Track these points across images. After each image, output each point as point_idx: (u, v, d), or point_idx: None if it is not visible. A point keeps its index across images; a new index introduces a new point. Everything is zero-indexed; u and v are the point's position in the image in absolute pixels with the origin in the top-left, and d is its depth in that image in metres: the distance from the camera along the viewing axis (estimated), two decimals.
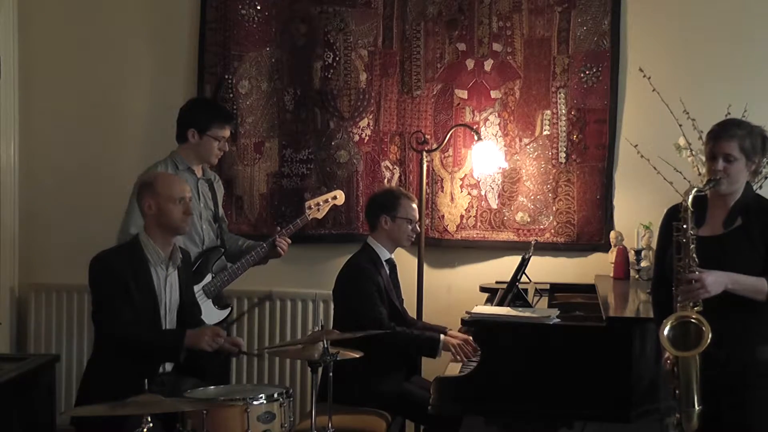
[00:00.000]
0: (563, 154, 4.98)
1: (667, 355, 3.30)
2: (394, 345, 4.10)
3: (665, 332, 3.17)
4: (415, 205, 4.39)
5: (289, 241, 4.47)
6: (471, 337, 4.10)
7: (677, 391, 3.23)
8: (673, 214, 3.35)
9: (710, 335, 3.10)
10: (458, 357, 4.18)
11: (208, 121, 4.29)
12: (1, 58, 5.19)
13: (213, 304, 4.29)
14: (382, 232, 4.33)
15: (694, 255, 3.21)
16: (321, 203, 4.62)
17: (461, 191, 5.07)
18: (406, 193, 4.43)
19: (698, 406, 3.19)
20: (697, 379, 3.18)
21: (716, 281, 3.18)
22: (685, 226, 3.23)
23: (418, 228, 4.47)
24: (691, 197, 3.24)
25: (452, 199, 5.08)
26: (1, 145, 5.22)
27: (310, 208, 4.59)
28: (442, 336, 4.20)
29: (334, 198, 4.67)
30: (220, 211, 4.48)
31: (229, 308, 4.41)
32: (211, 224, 4.34)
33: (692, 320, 3.15)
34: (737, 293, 3.23)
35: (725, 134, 3.32)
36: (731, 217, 3.34)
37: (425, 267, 4.92)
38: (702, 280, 3.17)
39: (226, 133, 4.36)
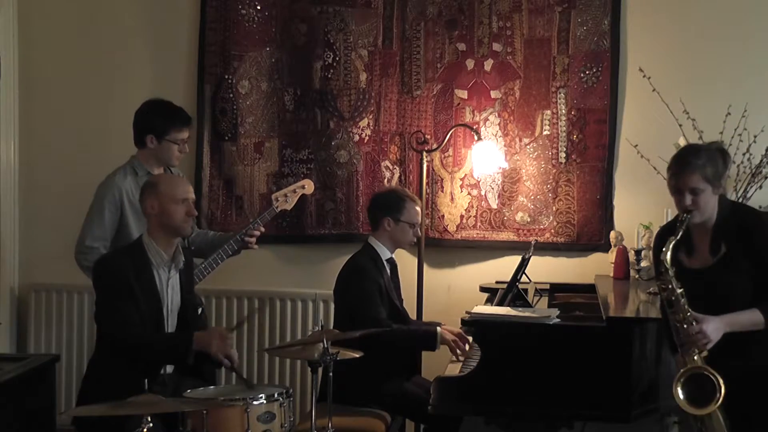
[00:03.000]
0: (563, 154, 4.98)
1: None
2: (392, 342, 4.09)
3: (680, 394, 3.16)
4: (419, 209, 4.38)
5: (263, 229, 4.42)
6: (462, 331, 4.13)
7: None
8: (664, 237, 3.34)
9: (723, 391, 3.09)
10: (455, 353, 4.18)
11: (166, 125, 4.20)
12: (1, 58, 5.19)
13: None
14: (384, 232, 4.32)
15: (687, 308, 3.21)
16: (288, 194, 4.58)
17: (461, 191, 5.07)
18: (411, 195, 4.40)
19: None
20: (726, 425, 3.18)
21: (716, 328, 3.19)
22: (670, 286, 3.24)
23: (419, 232, 4.47)
24: (669, 255, 3.24)
25: (452, 199, 5.08)
26: (1, 145, 5.23)
27: (277, 200, 4.55)
28: (438, 328, 4.20)
29: (303, 187, 4.63)
30: None
31: (200, 307, 4.36)
32: None
33: (705, 374, 3.15)
34: (737, 331, 3.23)
35: (686, 168, 3.28)
36: (715, 244, 3.33)
37: (425, 267, 4.92)
38: (703, 332, 3.17)
39: (185, 135, 4.26)
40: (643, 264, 4.69)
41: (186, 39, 5.29)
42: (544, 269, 4.93)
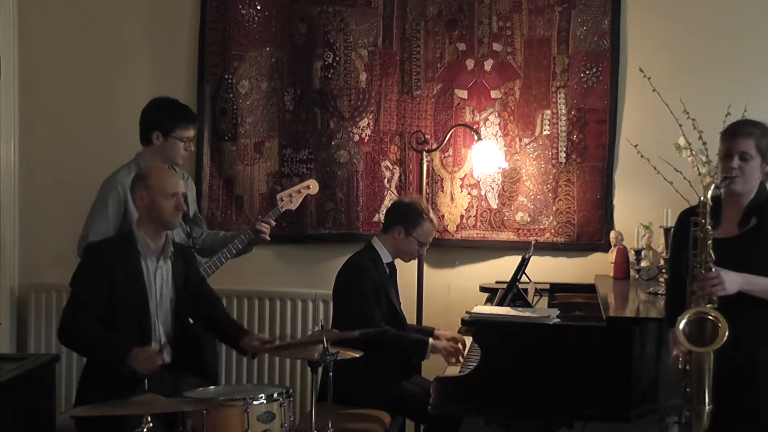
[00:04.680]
0: (563, 154, 4.98)
1: (675, 353, 3.28)
2: (383, 344, 4.07)
3: (681, 326, 3.14)
4: (434, 231, 4.37)
5: (273, 223, 4.42)
6: (458, 334, 4.17)
7: (688, 389, 3.21)
8: (686, 218, 3.33)
9: (727, 332, 3.08)
10: (449, 359, 4.16)
11: (172, 122, 4.21)
12: (1, 58, 5.19)
13: None
14: (391, 239, 4.31)
15: (711, 251, 3.18)
16: (293, 194, 4.57)
17: (461, 191, 5.07)
18: (431, 216, 4.34)
19: (709, 405, 3.17)
20: (710, 377, 3.16)
21: (733, 280, 3.17)
22: (703, 221, 3.20)
23: (425, 253, 4.45)
24: (710, 192, 3.21)
25: (452, 199, 5.08)
26: (1, 145, 5.23)
27: (282, 200, 4.54)
28: (430, 339, 4.18)
29: (307, 188, 4.62)
30: (192, 209, 4.42)
31: None
32: (181, 224, 4.25)
33: (710, 317, 3.13)
34: (752, 294, 3.21)
35: (742, 132, 3.30)
36: (746, 217, 3.32)
37: (425, 267, 4.92)
38: (720, 277, 3.15)
39: (191, 133, 4.28)
40: (643, 264, 4.70)
41: (186, 39, 5.28)
42: (544, 269, 4.93)
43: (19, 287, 5.35)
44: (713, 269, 3.17)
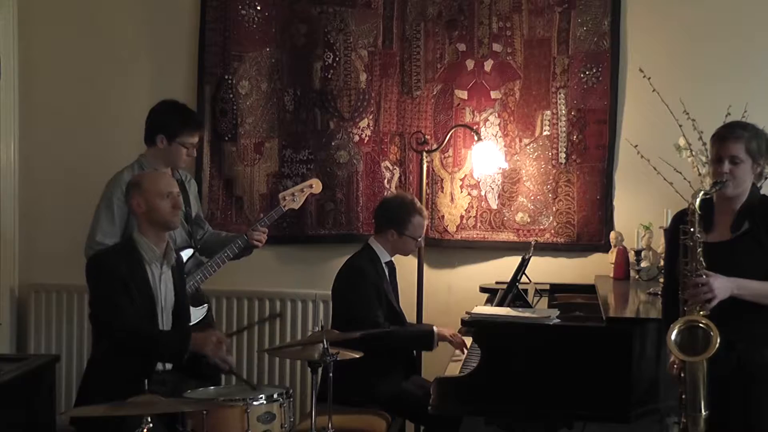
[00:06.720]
0: (563, 155, 4.98)
1: (672, 359, 3.28)
2: (390, 343, 4.09)
3: (672, 337, 3.15)
4: (425, 222, 4.38)
5: (265, 231, 4.42)
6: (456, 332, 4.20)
7: (683, 396, 3.21)
8: (680, 219, 3.33)
9: (719, 340, 3.08)
10: (456, 347, 4.23)
11: (178, 128, 4.21)
12: (1, 58, 5.19)
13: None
14: (386, 240, 4.32)
15: (701, 258, 3.19)
16: (296, 193, 4.57)
17: (461, 191, 5.07)
18: (418, 208, 4.35)
19: (705, 411, 3.17)
20: (704, 384, 3.17)
21: (723, 286, 3.17)
22: (692, 230, 3.21)
23: (422, 243, 4.47)
24: (698, 200, 3.22)
25: (452, 199, 5.08)
26: (1, 145, 5.23)
27: (284, 199, 4.55)
28: (435, 328, 4.21)
29: (310, 187, 4.62)
30: (194, 211, 4.43)
31: (206, 306, 4.36)
32: (183, 224, 4.26)
33: (701, 325, 3.13)
34: (744, 298, 3.21)
35: (731, 136, 3.30)
36: (738, 221, 3.31)
37: (425, 267, 4.92)
38: (709, 284, 3.15)
39: (195, 139, 4.29)
40: (643, 264, 4.69)
41: (186, 39, 5.28)
42: (544, 269, 4.93)
43: (19, 287, 5.35)
44: (703, 276, 3.17)
